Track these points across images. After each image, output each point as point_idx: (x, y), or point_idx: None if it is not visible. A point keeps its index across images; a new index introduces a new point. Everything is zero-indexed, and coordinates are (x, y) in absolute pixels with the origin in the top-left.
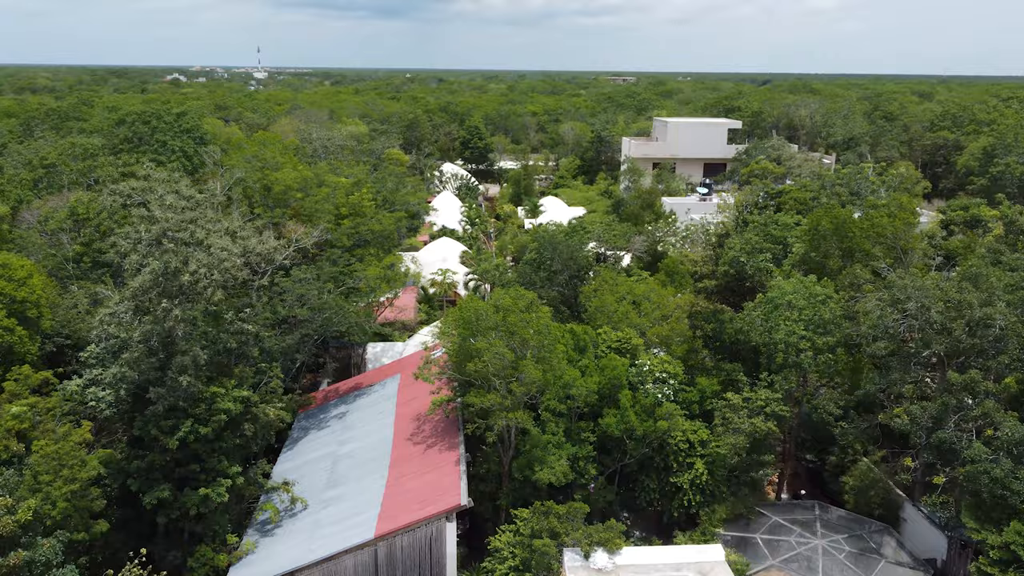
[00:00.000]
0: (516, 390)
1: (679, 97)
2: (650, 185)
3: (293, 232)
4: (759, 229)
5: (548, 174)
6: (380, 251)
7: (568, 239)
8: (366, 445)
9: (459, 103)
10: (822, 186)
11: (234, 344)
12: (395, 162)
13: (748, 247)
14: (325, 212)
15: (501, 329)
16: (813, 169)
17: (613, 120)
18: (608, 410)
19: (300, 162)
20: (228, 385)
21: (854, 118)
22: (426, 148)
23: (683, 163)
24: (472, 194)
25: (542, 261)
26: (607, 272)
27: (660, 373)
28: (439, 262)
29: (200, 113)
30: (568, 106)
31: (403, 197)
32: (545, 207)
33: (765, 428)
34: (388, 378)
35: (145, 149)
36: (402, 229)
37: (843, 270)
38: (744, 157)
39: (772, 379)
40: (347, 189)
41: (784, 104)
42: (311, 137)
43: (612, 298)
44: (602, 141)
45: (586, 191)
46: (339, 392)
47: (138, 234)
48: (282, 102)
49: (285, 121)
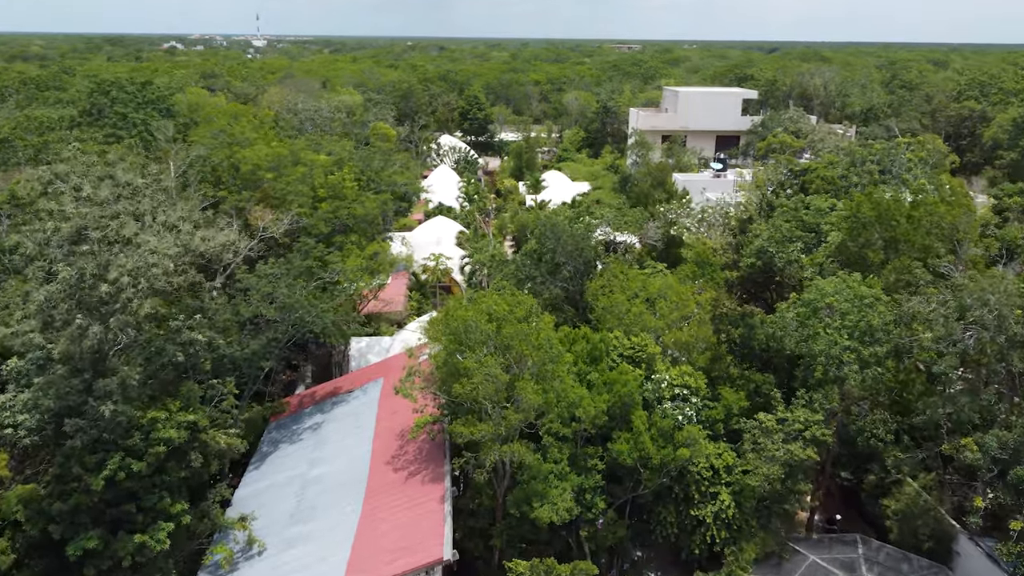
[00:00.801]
0: (511, 418)
1: (686, 65)
2: (660, 160)
3: (260, 219)
4: (788, 214)
5: (551, 147)
6: (362, 238)
7: (573, 226)
8: (340, 467)
9: (459, 71)
10: (852, 163)
11: (181, 357)
12: (381, 136)
13: (778, 235)
14: (300, 195)
15: (494, 342)
16: (836, 143)
17: (619, 89)
18: (619, 433)
19: (277, 137)
20: (172, 408)
21: (872, 87)
22: (421, 119)
23: (694, 136)
24: (471, 168)
25: (543, 253)
26: (617, 265)
27: (680, 388)
28: (433, 244)
29: (184, 82)
30: (572, 74)
31: (390, 177)
32: (548, 182)
33: (804, 456)
34: (370, 382)
35: (104, 123)
36: (388, 213)
37: (886, 264)
38: (760, 129)
39: (811, 396)
40: (327, 168)
41: (798, 73)
42: (296, 109)
43: (623, 296)
44: (608, 112)
45: (591, 165)
46: (315, 398)
47: (45, 233)
48: (276, 71)
49: (275, 91)
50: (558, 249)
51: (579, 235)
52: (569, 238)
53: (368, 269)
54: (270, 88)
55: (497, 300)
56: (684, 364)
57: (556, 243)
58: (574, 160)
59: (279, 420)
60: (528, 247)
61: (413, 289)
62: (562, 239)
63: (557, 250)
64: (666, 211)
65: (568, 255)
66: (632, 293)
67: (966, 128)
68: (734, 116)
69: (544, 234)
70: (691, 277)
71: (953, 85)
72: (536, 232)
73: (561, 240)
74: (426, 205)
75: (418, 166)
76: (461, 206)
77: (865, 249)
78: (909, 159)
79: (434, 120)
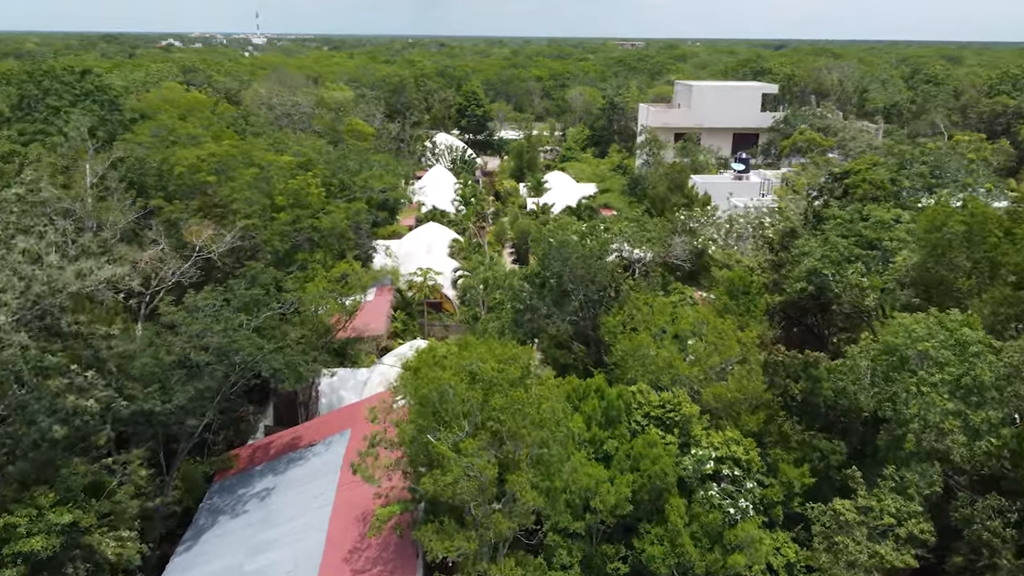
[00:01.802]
0: (500, 525)
1: (694, 61)
2: (673, 160)
3: (196, 235)
4: (843, 227)
5: (554, 146)
6: (329, 256)
7: (584, 244)
8: (284, 559)
9: (457, 67)
10: (901, 164)
11: (60, 432)
12: (356, 134)
13: (834, 254)
14: (252, 203)
15: (480, 417)
16: (868, 141)
17: (625, 85)
18: (649, 527)
19: (236, 135)
20: (45, 502)
21: (895, 82)
22: (414, 116)
23: (709, 134)
24: (468, 168)
25: (547, 278)
26: (639, 295)
27: (727, 464)
28: (423, 253)
29: (160, 76)
30: (576, 70)
31: (366, 181)
32: (551, 184)
33: (900, 564)
34: (335, 435)
35: (35, 118)
36: (363, 224)
37: (980, 294)
38: (783, 126)
39: (902, 476)
40: (290, 170)
41: (813, 68)
42: (271, 103)
43: (648, 335)
44: (615, 108)
45: (597, 165)
46: (270, 452)
47: None
48: (267, 67)
49: (260, 86)
50: (566, 273)
51: (592, 256)
52: (580, 260)
53: (336, 294)
54: (255, 84)
55: (483, 353)
56: (729, 428)
57: (563, 266)
58: (578, 160)
59: (224, 480)
60: (530, 266)
61: (398, 308)
62: (571, 261)
63: (565, 275)
64: (687, 219)
65: (578, 281)
66: (658, 329)
67: (1000, 125)
68: (753, 112)
69: (549, 254)
70: (728, 308)
71: (982, 80)
72: (539, 251)
73: (570, 262)
74: (418, 209)
75: (409, 166)
76: (457, 210)
77: (951, 274)
78: (971, 160)
79: (430, 117)
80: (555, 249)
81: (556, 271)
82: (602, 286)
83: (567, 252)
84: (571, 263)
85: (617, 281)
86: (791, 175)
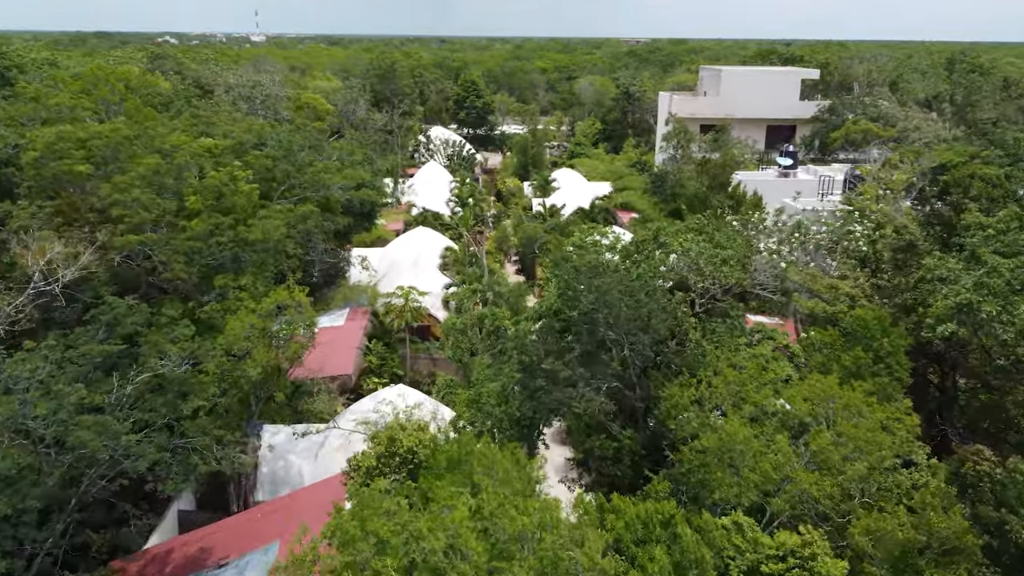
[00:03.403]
0: None
1: (706, 54)
2: (703, 154)
3: (38, 255)
4: (995, 241)
5: (561, 141)
6: (259, 280)
7: (631, 270)
8: None
9: (456, 58)
10: (1016, 158)
11: None
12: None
13: (996, 283)
14: (149, 207)
15: None
16: (936, 132)
17: (639, 77)
18: None
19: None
20: None
21: (937, 71)
22: (403, 105)
23: (740, 124)
24: (467, 165)
25: (571, 323)
26: (719, 351)
27: None
28: (409, 265)
29: (122, 61)
30: (583, 62)
31: (316, 176)
32: (559, 182)
33: None
34: (255, 551)
35: None
36: (316, 234)
37: None
38: (828, 116)
39: None
40: (216, 158)
41: (843, 58)
42: (229, 84)
43: (739, 420)
44: (631, 98)
45: (610, 162)
46: (165, 569)
47: None
48: (252, 57)
49: (228, 74)
50: (602, 316)
51: (643, 289)
52: (624, 295)
53: (266, 335)
54: (227, 72)
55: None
56: None
57: (597, 303)
58: (589, 156)
59: None
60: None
61: (374, 337)
62: (610, 296)
63: (600, 317)
64: (744, 224)
65: (623, 327)
66: (755, 407)
67: None
68: (790, 101)
69: (572, 284)
70: (856, 368)
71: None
72: (559, 278)
73: (608, 298)
74: (408, 211)
75: (397, 161)
76: (452, 212)
77: None
78: None
79: (426, 110)
80: (583, 276)
81: (586, 311)
82: (659, 336)
83: (604, 283)
84: (610, 299)
85: (683, 326)
86: (870, 170)
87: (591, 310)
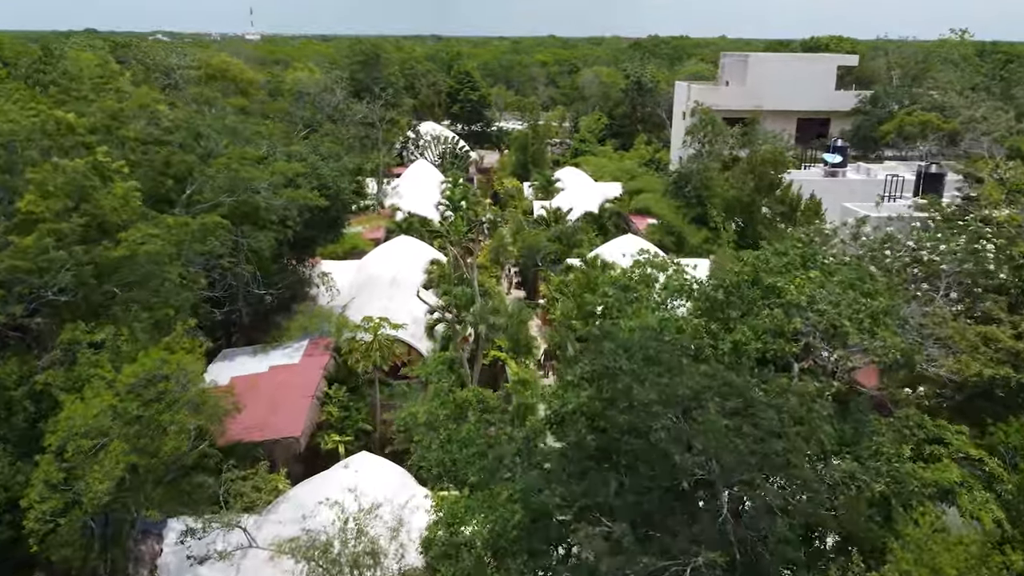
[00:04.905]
0: None
1: (712, 49)
2: (729, 150)
3: None
4: None
5: (564, 138)
6: (131, 331)
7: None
8: None
9: (450, 51)
10: None
11: None
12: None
13: None
14: None
15: None
16: (1007, 123)
17: (646, 68)
18: None
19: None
20: None
21: (972, 61)
22: (387, 94)
23: (769, 117)
24: (460, 164)
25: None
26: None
27: None
28: (387, 283)
29: (79, 47)
30: (585, 55)
31: (233, 173)
32: (563, 182)
33: None
34: None
35: None
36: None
37: None
38: (871, 108)
39: None
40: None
41: (867, 50)
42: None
43: None
44: (642, 90)
45: (620, 160)
46: None
47: None
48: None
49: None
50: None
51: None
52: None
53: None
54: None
55: None
56: None
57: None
58: (595, 154)
59: None
60: (574, 402)
61: (336, 381)
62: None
63: (670, 420)
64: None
65: (727, 477)
66: None
67: None
68: (826, 91)
69: (614, 363)
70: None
71: None
72: (591, 358)
73: (703, 419)
74: (392, 215)
75: (379, 159)
76: (443, 216)
77: None
78: None
79: (417, 103)
80: (646, 369)
81: (645, 410)
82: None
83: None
84: (706, 421)
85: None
86: (964, 167)
87: (660, 410)
